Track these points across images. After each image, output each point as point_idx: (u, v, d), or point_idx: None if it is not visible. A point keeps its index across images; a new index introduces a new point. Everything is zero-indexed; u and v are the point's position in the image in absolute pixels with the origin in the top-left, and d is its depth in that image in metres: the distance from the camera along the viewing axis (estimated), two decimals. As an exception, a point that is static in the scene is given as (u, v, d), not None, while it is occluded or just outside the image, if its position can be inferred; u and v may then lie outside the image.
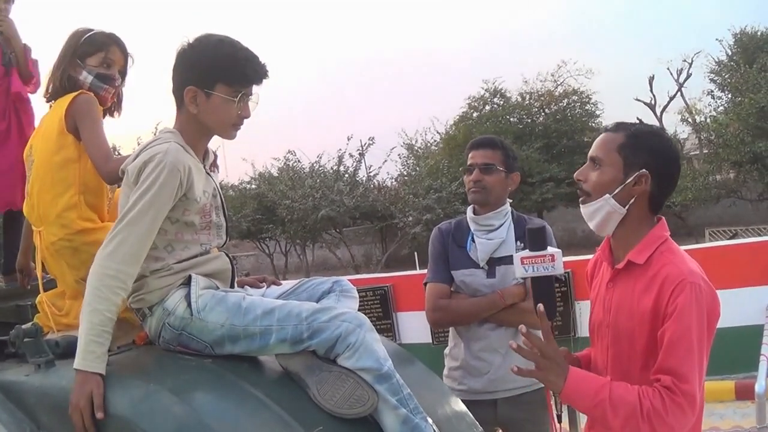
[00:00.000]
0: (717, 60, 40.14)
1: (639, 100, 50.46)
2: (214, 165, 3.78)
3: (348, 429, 3.19)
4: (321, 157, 36.76)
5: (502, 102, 39.98)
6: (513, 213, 5.19)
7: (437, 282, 5.08)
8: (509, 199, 5.20)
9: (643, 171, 3.35)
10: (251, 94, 3.56)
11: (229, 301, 3.41)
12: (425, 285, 5.22)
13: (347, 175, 35.81)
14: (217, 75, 3.46)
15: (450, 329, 5.25)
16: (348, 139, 35.72)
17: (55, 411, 3.31)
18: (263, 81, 3.58)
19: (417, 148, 45.62)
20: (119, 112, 4.53)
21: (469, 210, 5.23)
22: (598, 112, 39.66)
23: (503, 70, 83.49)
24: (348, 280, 3.82)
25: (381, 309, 11.56)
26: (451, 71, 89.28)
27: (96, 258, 3.29)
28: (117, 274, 3.23)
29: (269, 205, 35.78)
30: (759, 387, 6.70)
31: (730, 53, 39.38)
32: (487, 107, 40.12)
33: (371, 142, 35.63)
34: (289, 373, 3.37)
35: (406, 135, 45.78)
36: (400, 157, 43.96)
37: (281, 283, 3.91)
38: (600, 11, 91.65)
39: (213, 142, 3.74)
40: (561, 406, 3.69)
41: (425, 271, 5.29)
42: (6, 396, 3.51)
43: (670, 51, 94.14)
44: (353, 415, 3.18)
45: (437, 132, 44.76)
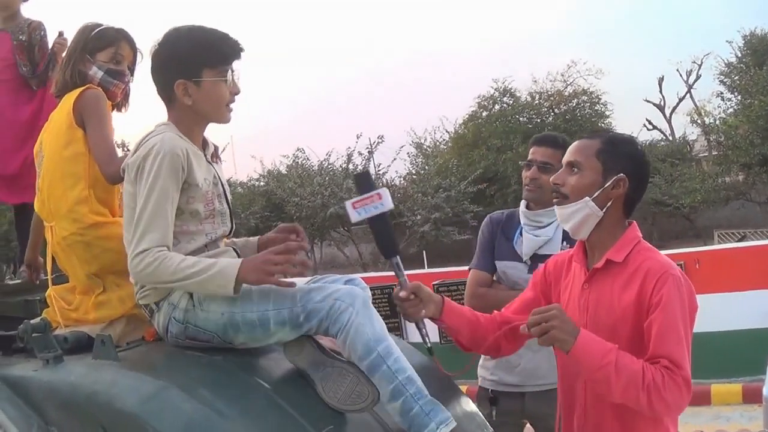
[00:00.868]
0: (726, 62, 40.04)
1: (648, 101, 50.44)
2: (215, 156, 3.82)
3: (358, 425, 3.22)
4: (330, 155, 36.75)
5: (511, 101, 39.83)
6: None
7: (480, 269, 5.16)
8: None
9: (621, 175, 3.55)
10: (234, 70, 3.61)
11: None
12: (469, 270, 5.29)
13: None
14: (200, 61, 3.51)
15: None
16: (357, 138, 35.72)
17: (63, 406, 3.32)
18: (241, 55, 3.63)
19: (426, 146, 45.56)
20: (126, 107, 4.53)
21: (522, 204, 5.25)
22: (607, 112, 39.57)
23: (513, 69, 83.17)
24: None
25: (389, 308, 11.46)
26: (461, 71, 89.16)
27: (130, 261, 3.33)
28: (161, 248, 3.31)
29: (278, 203, 35.71)
30: (766, 390, 6.71)
31: (739, 55, 39.27)
32: (497, 107, 40.00)
33: (380, 140, 35.60)
34: (298, 369, 3.38)
35: (415, 134, 45.76)
36: (409, 156, 43.91)
37: (307, 246, 3.91)
38: (610, 12, 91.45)
39: (222, 139, 3.75)
40: None
41: (434, 270, 5.32)
42: (14, 391, 3.51)
43: (679, 52, 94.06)
44: (354, 411, 3.21)
45: (446, 131, 44.72)
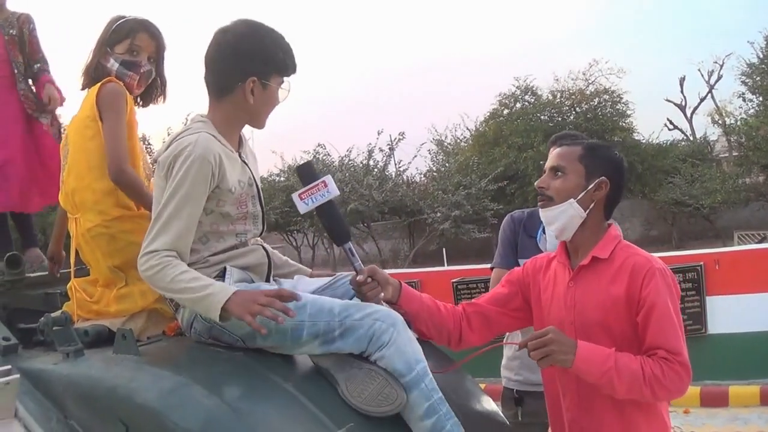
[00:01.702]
0: (748, 62, 39.86)
1: (669, 100, 50.41)
2: (250, 153, 3.82)
3: (377, 427, 3.19)
4: (351, 151, 36.78)
5: (533, 100, 39.75)
6: None
7: (502, 268, 5.07)
8: None
9: (603, 178, 3.76)
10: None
11: None
12: (492, 269, 5.27)
13: (377, 170, 35.76)
14: (274, 65, 3.53)
15: None
16: (378, 134, 35.73)
17: (83, 400, 3.31)
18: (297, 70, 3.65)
19: (447, 144, 45.56)
20: (164, 97, 4.58)
21: None
22: (629, 111, 39.43)
23: (534, 68, 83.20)
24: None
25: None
26: (483, 69, 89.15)
27: (140, 259, 3.33)
28: (169, 253, 3.29)
29: (298, 198, 35.45)
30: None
31: (761, 56, 39.07)
32: (518, 104, 39.94)
33: (401, 137, 35.59)
34: (320, 369, 3.37)
35: (436, 131, 45.78)
36: (429, 153, 43.94)
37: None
38: (632, 11, 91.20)
39: (245, 135, 3.76)
40: None
41: (453, 268, 5.30)
42: (34, 384, 3.52)
43: (701, 52, 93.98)
44: (380, 413, 3.18)
45: (467, 128, 44.73)
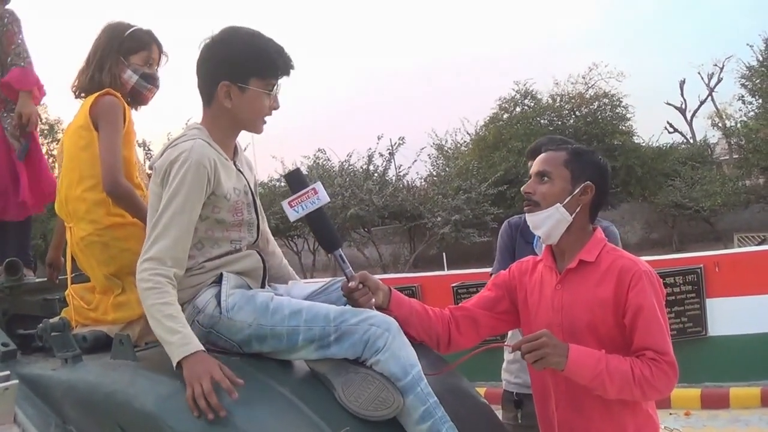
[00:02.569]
0: (748, 65, 39.83)
1: (669, 104, 50.46)
2: (247, 164, 3.83)
3: (373, 431, 3.19)
4: (351, 156, 36.65)
5: (532, 104, 39.67)
6: None
7: None
8: None
9: (589, 183, 3.80)
10: (280, 85, 3.61)
11: (257, 301, 3.42)
12: (491, 275, 5.19)
13: (377, 175, 35.70)
14: (251, 69, 3.50)
15: None
16: (378, 139, 35.66)
17: (82, 405, 3.34)
18: (291, 73, 3.62)
19: (447, 148, 45.50)
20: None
21: None
22: (628, 115, 39.31)
23: (534, 72, 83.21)
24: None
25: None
26: (482, 73, 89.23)
27: (138, 265, 3.33)
28: (164, 272, 3.28)
29: (298, 204, 35.44)
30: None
31: (761, 59, 39.05)
32: (518, 108, 39.84)
33: (401, 141, 35.51)
34: (316, 374, 3.38)
35: (436, 135, 45.71)
36: (429, 158, 43.87)
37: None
38: (631, 15, 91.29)
39: (243, 140, 3.76)
40: None
41: (453, 272, 5.30)
42: (32, 390, 3.53)
43: (701, 55, 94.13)
44: (378, 417, 3.19)
45: (467, 133, 44.61)
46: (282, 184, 37.13)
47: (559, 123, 38.61)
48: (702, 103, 50.30)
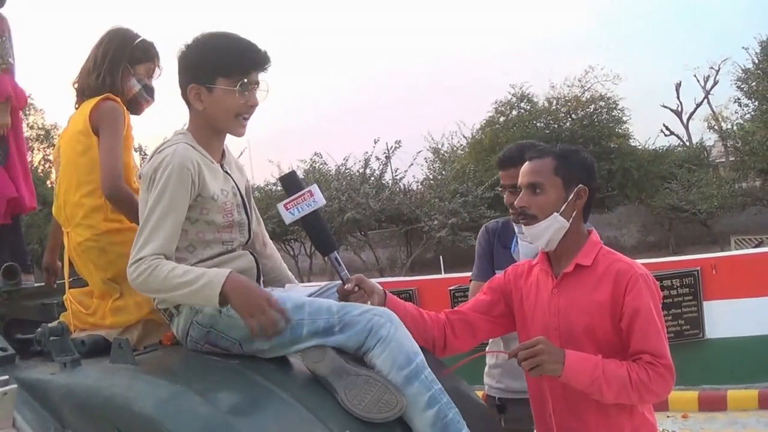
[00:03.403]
0: (744, 68, 39.82)
1: (665, 106, 50.57)
2: (236, 167, 3.86)
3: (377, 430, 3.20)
4: (347, 160, 36.61)
5: (528, 107, 39.61)
6: None
7: (480, 281, 5.02)
8: None
9: (581, 186, 3.79)
10: (256, 82, 3.61)
11: None
12: (470, 281, 5.28)
13: (373, 178, 35.65)
14: (215, 68, 3.53)
15: None
16: (375, 142, 35.62)
17: (80, 409, 3.33)
18: (266, 68, 3.64)
19: (443, 152, 45.52)
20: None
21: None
22: (624, 118, 39.25)
23: (530, 75, 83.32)
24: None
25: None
26: (478, 76, 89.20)
27: (129, 268, 3.36)
28: (154, 257, 3.32)
29: (295, 207, 35.35)
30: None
31: (756, 61, 39.07)
32: (514, 112, 39.77)
33: (398, 145, 35.46)
34: (317, 378, 3.37)
35: (432, 139, 45.73)
36: (426, 161, 43.87)
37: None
38: (628, 18, 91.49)
39: (240, 144, 3.77)
40: None
41: (450, 276, 5.29)
42: (31, 394, 3.53)
43: (697, 58, 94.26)
44: (381, 420, 3.19)
45: (463, 136, 44.60)
46: (278, 188, 37.15)
47: (555, 126, 38.62)
48: (698, 106, 50.45)
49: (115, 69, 4.26)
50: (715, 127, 40.43)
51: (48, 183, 37.14)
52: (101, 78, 4.25)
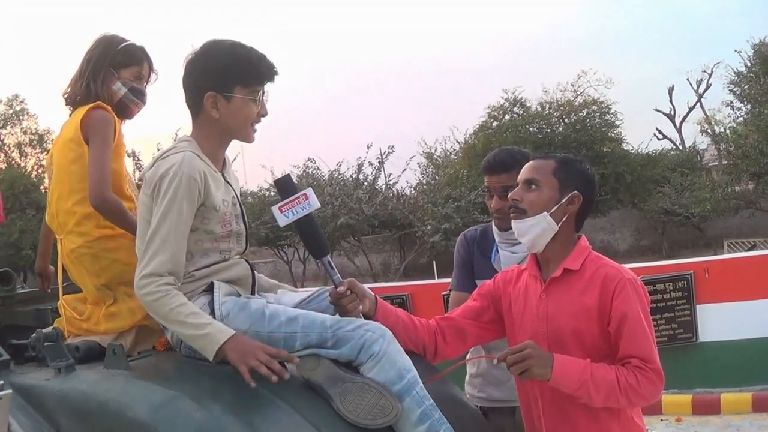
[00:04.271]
0: (736, 71, 39.98)
1: (658, 110, 50.71)
2: (232, 173, 3.85)
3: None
4: (341, 165, 36.70)
5: (521, 111, 39.63)
6: None
7: (460, 290, 4.99)
8: None
9: (576, 192, 3.79)
10: (265, 92, 3.64)
11: (252, 308, 3.44)
12: (449, 291, 5.20)
13: (366, 183, 35.72)
14: (235, 78, 3.53)
15: None
16: (368, 148, 35.67)
17: (75, 415, 3.34)
18: (275, 78, 3.66)
19: (436, 157, 45.56)
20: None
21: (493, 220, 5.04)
22: (617, 122, 39.33)
23: (523, 79, 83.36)
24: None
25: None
26: (472, 81, 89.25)
27: (137, 281, 3.35)
28: (167, 280, 3.32)
29: (288, 213, 35.29)
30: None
31: (749, 64, 39.18)
32: (507, 117, 39.79)
33: (391, 150, 35.58)
34: (311, 385, 3.37)
35: (425, 144, 45.79)
36: (419, 166, 43.91)
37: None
38: (620, 21, 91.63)
39: (233, 149, 3.79)
40: None
41: (444, 281, 5.26)
42: (26, 400, 3.54)
43: (689, 62, 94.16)
44: (377, 426, 3.20)
45: (456, 141, 44.61)
46: (272, 193, 37.18)
47: (548, 131, 38.70)
48: (691, 110, 50.64)
49: (98, 74, 4.26)
50: (708, 131, 40.62)
51: (42, 188, 37.19)
52: (85, 85, 4.26)
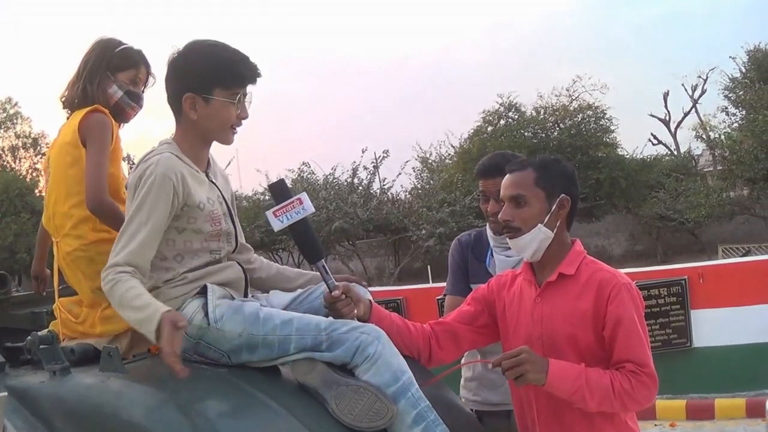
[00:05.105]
0: (731, 77, 40.07)
1: (653, 115, 50.66)
2: (221, 176, 3.86)
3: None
4: (335, 169, 36.70)
5: (516, 116, 39.64)
6: None
7: (455, 295, 4.97)
8: None
9: (563, 195, 3.80)
10: (246, 94, 3.62)
11: (246, 311, 3.43)
12: (444, 296, 5.20)
13: (361, 188, 35.70)
14: (214, 79, 3.52)
15: None
16: (362, 152, 35.67)
17: (70, 417, 3.34)
18: (257, 80, 3.64)
19: (431, 161, 45.58)
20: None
21: (488, 226, 5.06)
22: (612, 127, 39.38)
23: (519, 84, 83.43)
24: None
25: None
26: (467, 85, 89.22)
27: (102, 273, 3.38)
28: (124, 269, 3.32)
29: (283, 217, 35.27)
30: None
31: (744, 70, 39.27)
32: (502, 121, 39.78)
33: (386, 154, 35.60)
34: (306, 388, 3.38)
35: (420, 148, 45.81)
36: (414, 171, 43.97)
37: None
38: (616, 27, 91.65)
39: (228, 153, 3.78)
40: None
41: (438, 285, 5.24)
42: (21, 402, 3.52)
43: (684, 67, 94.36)
44: (373, 429, 3.20)
45: (451, 146, 44.62)
46: (266, 197, 37.17)
47: (543, 135, 38.72)
48: (686, 115, 50.61)
49: (94, 77, 4.26)
50: (703, 136, 40.58)
51: (36, 191, 37.13)
52: (82, 88, 4.26)
